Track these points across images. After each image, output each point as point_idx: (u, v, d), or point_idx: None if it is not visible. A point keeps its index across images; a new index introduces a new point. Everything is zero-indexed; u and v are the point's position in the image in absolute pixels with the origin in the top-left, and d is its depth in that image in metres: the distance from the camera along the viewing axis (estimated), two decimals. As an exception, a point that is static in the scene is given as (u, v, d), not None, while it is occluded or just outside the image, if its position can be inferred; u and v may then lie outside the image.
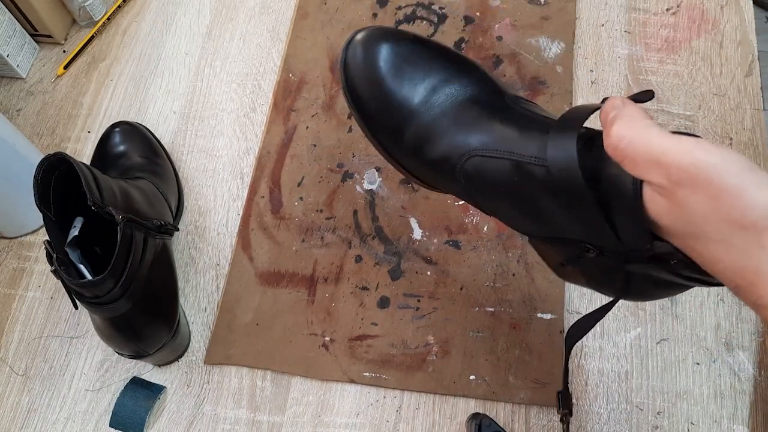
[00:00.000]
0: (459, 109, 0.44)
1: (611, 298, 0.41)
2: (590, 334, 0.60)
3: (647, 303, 0.61)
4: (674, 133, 0.30)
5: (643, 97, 0.34)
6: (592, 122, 0.35)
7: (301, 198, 0.68)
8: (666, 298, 0.60)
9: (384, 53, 0.46)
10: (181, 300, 0.64)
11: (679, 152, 0.28)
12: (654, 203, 0.29)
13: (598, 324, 0.60)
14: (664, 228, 0.30)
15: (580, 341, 0.60)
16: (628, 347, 0.60)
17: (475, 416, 0.54)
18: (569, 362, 0.59)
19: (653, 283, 0.36)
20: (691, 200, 0.27)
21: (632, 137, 0.29)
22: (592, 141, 0.35)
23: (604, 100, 0.35)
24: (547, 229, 0.39)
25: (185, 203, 0.69)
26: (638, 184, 0.30)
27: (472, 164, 0.42)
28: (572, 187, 0.32)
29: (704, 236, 0.28)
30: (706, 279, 0.32)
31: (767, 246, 0.26)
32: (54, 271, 0.51)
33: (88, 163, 0.65)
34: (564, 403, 0.48)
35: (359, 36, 0.48)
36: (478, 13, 0.76)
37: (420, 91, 0.45)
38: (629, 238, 0.32)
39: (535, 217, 0.39)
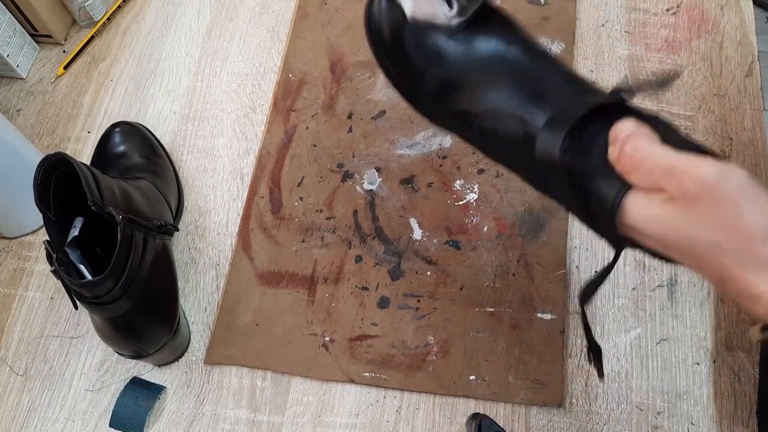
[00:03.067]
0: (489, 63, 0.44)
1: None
2: (590, 334, 0.60)
3: (647, 302, 0.61)
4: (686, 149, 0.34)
5: (669, 78, 0.38)
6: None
7: (301, 198, 0.68)
8: (666, 298, 0.60)
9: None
10: (181, 300, 0.64)
11: (688, 166, 0.32)
12: (645, 209, 0.33)
13: (598, 325, 0.60)
14: (648, 232, 0.33)
15: (580, 341, 0.60)
16: (628, 347, 0.60)
17: (475, 416, 0.54)
18: (567, 361, 0.59)
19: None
20: (696, 208, 0.31)
21: (650, 151, 0.33)
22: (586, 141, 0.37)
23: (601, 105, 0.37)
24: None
25: (185, 203, 0.69)
26: (618, 200, 0.34)
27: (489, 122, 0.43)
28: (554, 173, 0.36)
29: (698, 242, 0.32)
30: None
31: (759, 255, 0.31)
32: (54, 271, 0.51)
33: (88, 163, 0.65)
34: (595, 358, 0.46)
35: None
36: (478, 13, 0.76)
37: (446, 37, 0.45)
38: (604, 234, 0.37)
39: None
